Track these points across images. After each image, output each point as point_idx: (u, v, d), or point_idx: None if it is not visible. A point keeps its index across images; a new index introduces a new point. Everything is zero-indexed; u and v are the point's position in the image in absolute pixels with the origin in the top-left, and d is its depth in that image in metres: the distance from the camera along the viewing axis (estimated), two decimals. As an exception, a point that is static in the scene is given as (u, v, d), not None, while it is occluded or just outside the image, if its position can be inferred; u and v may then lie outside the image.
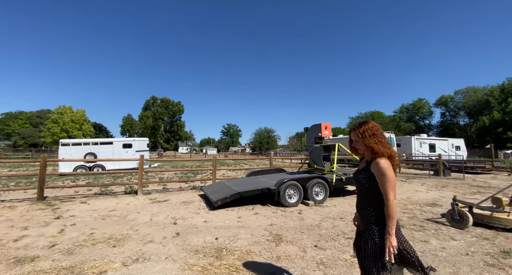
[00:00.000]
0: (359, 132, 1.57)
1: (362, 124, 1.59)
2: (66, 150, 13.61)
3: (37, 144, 55.02)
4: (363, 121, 1.61)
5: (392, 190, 1.42)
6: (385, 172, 1.43)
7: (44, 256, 2.86)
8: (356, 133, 1.58)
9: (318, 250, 2.89)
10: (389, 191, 1.42)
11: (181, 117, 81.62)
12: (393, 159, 1.51)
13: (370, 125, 1.57)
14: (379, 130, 1.57)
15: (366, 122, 1.59)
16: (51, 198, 6.43)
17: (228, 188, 5.78)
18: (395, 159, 1.52)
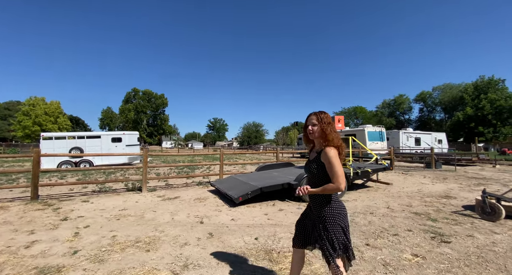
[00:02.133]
0: (319, 117, 1.69)
1: (322, 112, 1.72)
2: (49, 145, 12.48)
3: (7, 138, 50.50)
4: (322, 111, 1.74)
5: (341, 176, 1.53)
6: (333, 160, 1.55)
7: (71, 265, 2.49)
8: (317, 116, 1.69)
9: (374, 250, 2.79)
10: (339, 176, 1.53)
11: (164, 110, 78.74)
12: (341, 149, 1.64)
13: (327, 115, 1.71)
14: (333, 123, 1.71)
15: (324, 112, 1.72)
16: (44, 196, 5.81)
17: (245, 183, 5.56)
18: (342, 150, 1.65)
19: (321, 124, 1.65)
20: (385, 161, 7.14)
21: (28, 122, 42.47)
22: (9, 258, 2.63)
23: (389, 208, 4.64)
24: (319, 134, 1.67)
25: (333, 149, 1.59)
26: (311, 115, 1.73)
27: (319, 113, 1.70)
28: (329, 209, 1.63)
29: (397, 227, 3.54)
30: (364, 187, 6.83)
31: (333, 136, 1.63)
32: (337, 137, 1.65)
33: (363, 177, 6.35)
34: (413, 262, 2.48)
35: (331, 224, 1.61)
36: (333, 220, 1.62)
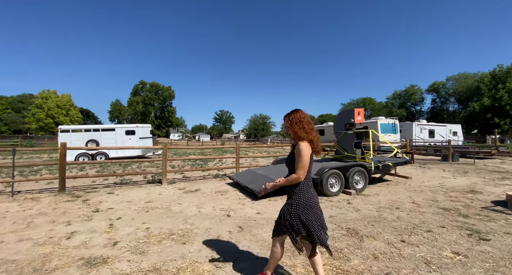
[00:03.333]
0: (288, 119, 1.85)
1: (292, 112, 1.85)
2: (66, 137, 12.79)
3: (21, 130, 52.13)
4: (294, 110, 1.85)
5: (303, 169, 1.72)
6: (301, 153, 1.71)
7: (115, 256, 2.58)
8: (286, 119, 1.86)
9: (411, 247, 2.76)
10: (301, 167, 1.72)
11: (172, 102, 79.09)
12: (313, 143, 1.78)
13: (298, 114, 1.82)
14: (306, 118, 1.81)
15: (296, 111, 1.84)
16: (70, 188, 6.01)
17: (265, 177, 5.58)
18: (315, 144, 1.79)
19: (292, 125, 1.82)
20: (406, 154, 7.00)
21: (41, 115, 43.56)
22: (54, 249, 2.74)
23: (414, 203, 4.58)
24: (293, 135, 1.84)
25: (304, 143, 1.75)
26: (284, 118, 1.91)
27: (289, 115, 1.86)
28: (297, 198, 1.79)
29: (429, 223, 3.49)
30: (383, 181, 6.75)
31: (301, 132, 1.78)
32: (309, 132, 1.79)
33: (383, 171, 6.27)
34: (456, 261, 2.45)
35: (293, 212, 1.78)
36: (295, 208, 1.78)
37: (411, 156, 6.93)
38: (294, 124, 1.81)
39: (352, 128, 6.62)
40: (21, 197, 5.01)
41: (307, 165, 1.74)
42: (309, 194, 1.81)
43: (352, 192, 5.24)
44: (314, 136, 1.80)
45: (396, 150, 6.91)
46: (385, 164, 6.09)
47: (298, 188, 1.80)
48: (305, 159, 1.72)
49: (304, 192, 1.79)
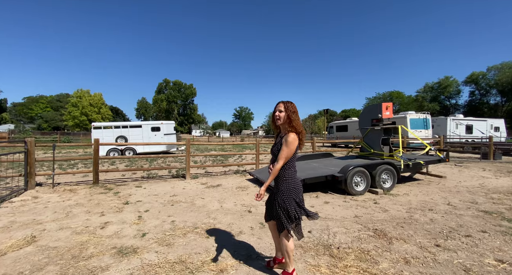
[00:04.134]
0: (286, 105, 1.91)
1: (289, 102, 1.93)
2: (98, 134, 13.77)
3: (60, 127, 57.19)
4: (289, 101, 1.94)
5: (283, 159, 1.83)
6: (289, 144, 1.80)
7: (143, 247, 2.71)
8: (284, 105, 1.92)
9: (447, 252, 2.55)
10: (282, 159, 1.82)
11: (193, 100, 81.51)
12: (301, 135, 1.87)
13: (294, 105, 1.93)
14: (298, 112, 1.93)
15: (291, 102, 1.93)
16: (102, 181, 6.44)
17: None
18: (302, 136, 1.88)
19: (287, 111, 1.89)
20: (439, 152, 6.47)
21: (76, 113, 47.45)
22: (89, 237, 2.96)
23: (450, 205, 4.22)
24: (284, 120, 1.91)
25: (293, 134, 1.83)
26: (279, 103, 1.95)
27: (286, 102, 1.93)
28: (286, 184, 1.89)
29: (468, 227, 3.19)
30: (413, 180, 6.32)
31: (297, 122, 1.87)
32: (299, 124, 1.88)
33: (413, 169, 5.86)
34: (500, 269, 2.21)
35: (287, 198, 1.87)
36: (288, 194, 1.87)
37: (445, 153, 6.38)
38: (291, 113, 1.89)
39: (379, 124, 6.26)
40: (60, 189, 5.48)
41: (291, 155, 1.86)
42: (296, 180, 1.93)
43: (379, 191, 4.97)
44: (303, 130, 1.91)
45: (428, 147, 6.41)
46: (416, 162, 5.68)
47: (288, 175, 1.91)
48: (292, 150, 1.83)
49: (293, 179, 1.91)
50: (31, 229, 3.15)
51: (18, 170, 6.16)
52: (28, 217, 3.63)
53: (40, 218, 3.59)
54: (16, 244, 2.72)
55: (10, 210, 3.94)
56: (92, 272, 2.20)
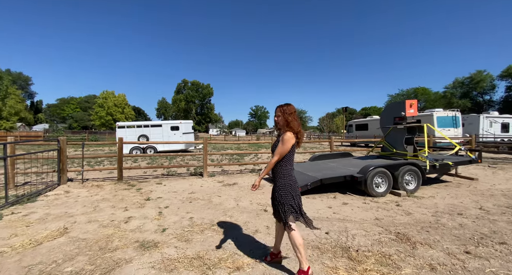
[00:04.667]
0: (282, 109, 2.06)
1: (285, 105, 2.07)
2: (122, 133, 14.52)
3: (88, 126, 61.14)
4: (287, 103, 2.09)
5: (280, 154, 1.98)
6: (285, 142, 1.95)
7: (164, 242, 2.82)
8: (280, 109, 2.07)
9: (478, 260, 2.36)
10: (276, 154, 1.98)
11: (210, 99, 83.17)
12: (299, 135, 2.01)
13: (291, 107, 2.06)
14: (296, 112, 2.06)
15: (289, 104, 2.08)
16: (126, 177, 6.79)
17: (302, 174, 5.41)
18: (300, 135, 2.01)
19: (284, 114, 2.05)
20: (470, 152, 6.00)
21: (102, 113, 50.36)
22: (114, 231, 3.13)
23: (482, 209, 3.90)
24: (282, 123, 2.07)
25: (289, 133, 1.98)
26: (277, 108, 2.12)
27: (283, 106, 2.09)
28: (282, 181, 2.04)
29: (502, 234, 2.93)
30: (440, 182, 5.93)
31: (294, 123, 2.02)
32: (296, 125, 2.02)
33: (441, 171, 5.49)
34: (543, 282, 2.00)
35: (284, 193, 2.01)
36: (284, 190, 2.01)
37: (477, 154, 5.90)
38: (288, 115, 2.03)
39: (402, 122, 5.94)
40: (89, 184, 5.87)
41: (285, 152, 2.00)
42: (292, 177, 2.07)
43: (401, 193, 4.73)
44: (301, 130, 2.05)
45: (458, 147, 5.97)
46: (444, 163, 5.32)
47: (284, 172, 2.05)
48: (287, 147, 1.98)
49: (289, 175, 2.05)
50: (63, 221, 3.40)
51: (52, 166, 6.69)
52: (61, 210, 3.93)
53: (71, 211, 3.88)
54: (50, 234, 2.95)
55: (45, 203, 4.29)
56: (117, 263, 2.33)
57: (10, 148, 4.85)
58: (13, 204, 4.12)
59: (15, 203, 4.16)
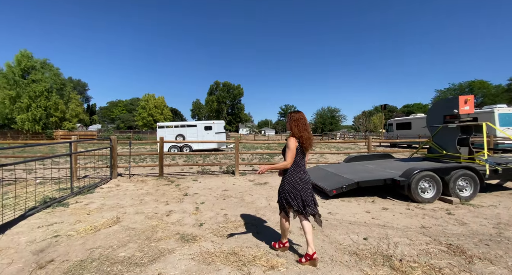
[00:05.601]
0: (289, 116, 2.40)
1: (294, 112, 2.39)
2: (162, 132, 15.73)
3: (132, 126, 67.57)
4: (296, 110, 2.41)
5: (291, 158, 2.26)
6: (289, 146, 2.27)
7: (201, 236, 2.98)
8: (288, 116, 2.42)
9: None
10: (288, 156, 2.26)
11: (241, 100, 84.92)
12: (302, 140, 2.28)
13: (297, 115, 2.36)
14: (303, 120, 2.34)
15: (297, 112, 2.38)
16: (166, 174, 7.34)
17: (337, 175, 5.19)
18: (303, 141, 2.28)
19: (289, 121, 2.35)
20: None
21: (144, 114, 55.15)
22: (158, 223, 3.42)
23: (562, 225, 3.26)
24: (288, 128, 2.39)
25: (293, 139, 2.26)
26: (287, 114, 2.38)
27: (291, 113, 2.39)
28: (287, 178, 2.33)
29: None
30: (503, 189, 5.13)
31: (295, 130, 2.28)
32: (301, 130, 2.27)
33: (505, 176, 4.74)
34: None
35: (286, 188, 2.32)
36: (287, 186, 2.32)
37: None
38: (292, 122, 2.33)
39: (454, 121, 5.29)
40: (135, 179, 6.50)
41: (293, 156, 2.26)
42: (295, 177, 2.31)
43: (453, 200, 4.22)
44: (305, 135, 2.27)
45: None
46: (508, 168, 4.59)
47: (288, 172, 2.34)
48: (292, 151, 2.24)
49: (292, 175, 2.31)
50: (116, 212, 3.84)
51: (105, 162, 7.58)
52: (114, 201, 4.43)
53: (121, 202, 4.35)
54: (106, 222, 3.36)
55: (101, 195, 4.88)
56: (162, 252, 2.55)
57: (74, 146, 5.63)
58: (76, 194, 4.79)
59: (78, 194, 4.82)
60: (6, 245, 2.66)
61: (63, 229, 3.11)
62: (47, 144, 4.86)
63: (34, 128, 27.88)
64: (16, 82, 26.97)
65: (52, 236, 2.89)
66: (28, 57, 28.41)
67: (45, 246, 2.66)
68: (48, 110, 28.88)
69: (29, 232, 3.00)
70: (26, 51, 28.41)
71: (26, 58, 28.12)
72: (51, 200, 4.21)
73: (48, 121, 29.37)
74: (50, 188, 5.17)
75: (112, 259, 2.41)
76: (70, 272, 2.18)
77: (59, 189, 5.11)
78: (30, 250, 2.55)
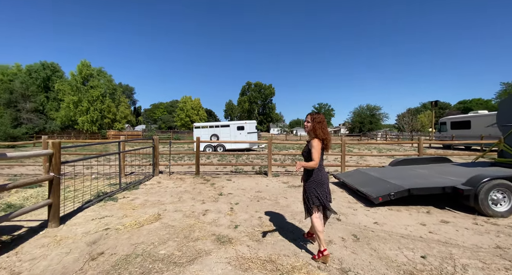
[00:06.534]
0: (312, 117, 2.43)
1: (316, 113, 2.44)
2: (198, 132, 16.47)
3: (172, 126, 72.72)
4: (317, 112, 2.49)
5: (318, 158, 2.31)
6: (315, 147, 2.32)
7: (236, 238, 2.92)
8: (311, 116, 2.45)
9: None
10: (316, 157, 2.31)
11: (272, 99, 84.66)
12: (326, 141, 2.37)
13: (320, 116, 2.43)
14: (324, 122, 2.42)
15: (318, 113, 2.44)
16: (201, 172, 7.58)
17: (382, 180, 4.68)
18: (327, 142, 2.38)
19: (313, 122, 2.39)
20: None
21: (182, 115, 58.77)
22: (195, 222, 3.47)
23: None
24: (309, 129, 2.44)
25: (317, 140, 2.33)
26: (307, 115, 2.46)
27: (313, 114, 2.43)
28: (311, 178, 2.42)
29: None
30: None
31: (319, 132, 2.35)
32: (324, 132, 2.36)
33: None
34: None
35: (309, 188, 2.43)
36: (310, 185, 2.42)
37: None
38: (316, 123, 2.37)
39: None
40: (174, 177, 6.85)
41: (319, 156, 2.33)
42: (319, 175, 2.41)
43: (538, 217, 3.42)
44: (328, 137, 2.37)
45: None
46: None
47: (314, 171, 2.41)
48: (318, 152, 2.30)
49: (316, 174, 2.41)
50: (157, 208, 4.04)
51: (148, 160, 8.17)
52: (155, 198, 4.69)
53: (162, 199, 4.58)
54: (148, 219, 3.54)
55: (144, 191, 5.23)
56: (199, 253, 2.55)
57: (122, 145, 6.16)
58: (124, 189, 5.21)
59: (125, 189, 5.24)
60: (66, 235, 2.97)
61: (112, 223, 3.37)
62: (101, 143, 5.42)
63: (91, 128, 31.94)
64: (78, 89, 31.23)
65: (103, 229, 3.15)
66: (87, 66, 32.67)
67: (97, 238, 2.89)
68: (103, 113, 32.79)
69: (84, 224, 3.32)
70: (85, 61, 32.72)
71: (86, 67, 32.38)
72: (103, 195, 4.65)
73: (103, 122, 33.34)
74: (103, 183, 5.74)
75: (153, 256, 2.49)
76: (117, 266, 2.30)
77: (110, 184, 5.63)
78: (84, 241, 2.80)
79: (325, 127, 2.38)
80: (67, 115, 31.18)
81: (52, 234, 2.97)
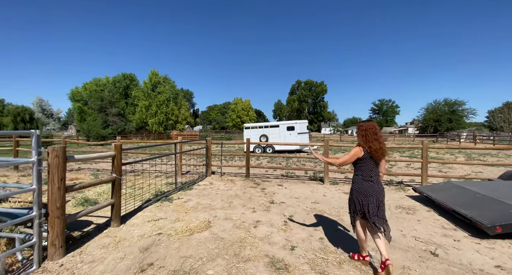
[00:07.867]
0: (358, 125, 2.46)
1: (364, 122, 2.46)
2: (248, 132, 16.58)
3: (224, 127, 77.16)
4: (367, 120, 2.53)
5: (343, 158, 2.39)
6: (350, 152, 2.36)
7: (294, 266, 2.40)
8: (357, 126, 2.49)
9: None
10: (342, 157, 2.41)
11: (323, 97, 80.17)
12: (371, 150, 2.30)
13: (366, 124, 2.40)
14: (372, 129, 2.34)
15: (365, 121, 2.45)
16: (251, 175, 7.31)
17: (494, 200, 3.40)
18: (372, 151, 2.29)
19: (358, 131, 2.44)
20: None
21: (234, 116, 61.51)
22: (246, 235, 3.10)
23: None
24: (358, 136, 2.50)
25: (357, 147, 2.37)
26: (357, 123, 2.51)
27: (359, 122, 2.48)
28: (354, 186, 2.43)
29: None
30: None
31: (361, 139, 2.39)
32: (369, 140, 2.32)
33: None
34: None
35: (355, 195, 2.41)
36: (356, 193, 2.40)
37: None
38: (359, 132, 2.43)
39: None
40: (225, 178, 6.78)
41: (348, 161, 2.37)
42: (361, 185, 2.35)
43: None
44: (374, 145, 2.29)
45: None
46: None
47: (354, 179, 2.46)
48: (349, 157, 2.36)
49: (357, 183, 2.39)
50: (207, 214, 3.86)
51: (202, 160, 8.43)
52: (207, 201, 4.59)
53: (213, 204, 4.42)
54: (199, 225, 3.36)
55: (197, 192, 5.22)
56: (250, 282, 2.13)
57: (179, 146, 6.42)
58: (179, 190, 5.33)
59: (180, 189, 5.36)
60: (124, 236, 3.02)
61: (165, 227, 3.31)
62: (160, 144, 5.73)
63: (159, 129, 36.48)
64: (149, 94, 36.10)
65: (156, 233, 3.09)
66: (156, 74, 37.48)
67: (150, 244, 2.82)
68: (167, 115, 37.05)
69: (141, 226, 3.36)
70: (154, 70, 37.65)
71: (154, 75, 37.23)
72: (161, 194, 4.82)
73: (167, 124, 37.68)
74: (161, 182, 6.06)
75: (201, 276, 2.20)
76: (164, 283, 2.09)
77: (167, 183, 5.89)
78: (138, 246, 2.75)
79: (370, 134, 2.32)
80: (140, 118, 36.43)
81: (113, 234, 3.07)
